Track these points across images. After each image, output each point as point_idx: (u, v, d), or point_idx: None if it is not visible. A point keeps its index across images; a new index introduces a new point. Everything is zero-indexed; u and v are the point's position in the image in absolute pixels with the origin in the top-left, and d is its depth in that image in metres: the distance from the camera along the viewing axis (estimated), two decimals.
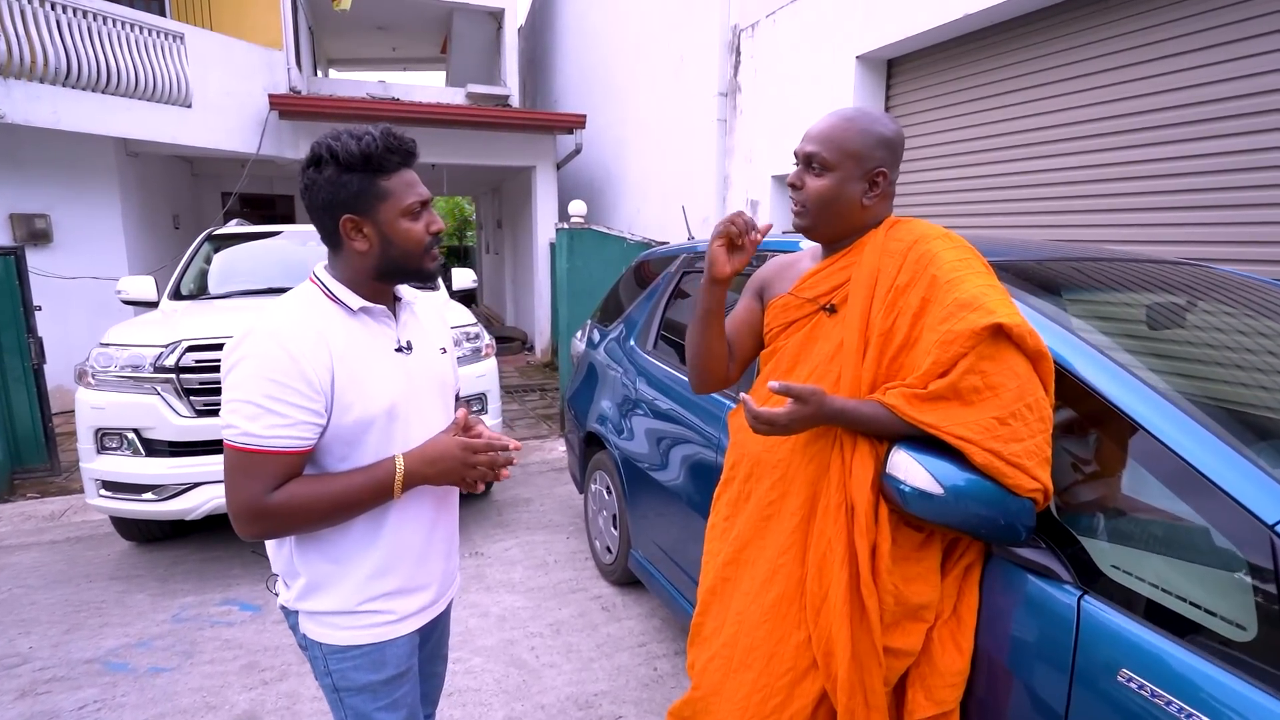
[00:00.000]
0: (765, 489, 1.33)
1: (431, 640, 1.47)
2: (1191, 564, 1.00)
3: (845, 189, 1.25)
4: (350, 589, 1.22)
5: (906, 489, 1.08)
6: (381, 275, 1.19)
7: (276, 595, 1.30)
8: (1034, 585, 1.11)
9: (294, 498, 1.08)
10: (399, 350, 1.24)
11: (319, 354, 1.09)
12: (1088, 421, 1.21)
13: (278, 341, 1.07)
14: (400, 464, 1.14)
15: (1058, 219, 3.69)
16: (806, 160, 1.28)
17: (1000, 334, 1.08)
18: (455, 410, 1.53)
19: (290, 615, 1.28)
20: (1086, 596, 1.05)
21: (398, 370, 1.22)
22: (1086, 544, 1.10)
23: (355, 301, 1.18)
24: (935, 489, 1.05)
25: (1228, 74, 2.93)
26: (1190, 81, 3.06)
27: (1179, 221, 3.16)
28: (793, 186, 1.30)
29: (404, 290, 1.32)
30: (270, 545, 1.27)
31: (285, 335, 1.08)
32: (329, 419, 1.12)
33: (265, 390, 1.05)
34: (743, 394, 1.21)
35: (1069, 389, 1.19)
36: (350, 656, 1.24)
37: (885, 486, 1.13)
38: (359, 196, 1.12)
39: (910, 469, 1.08)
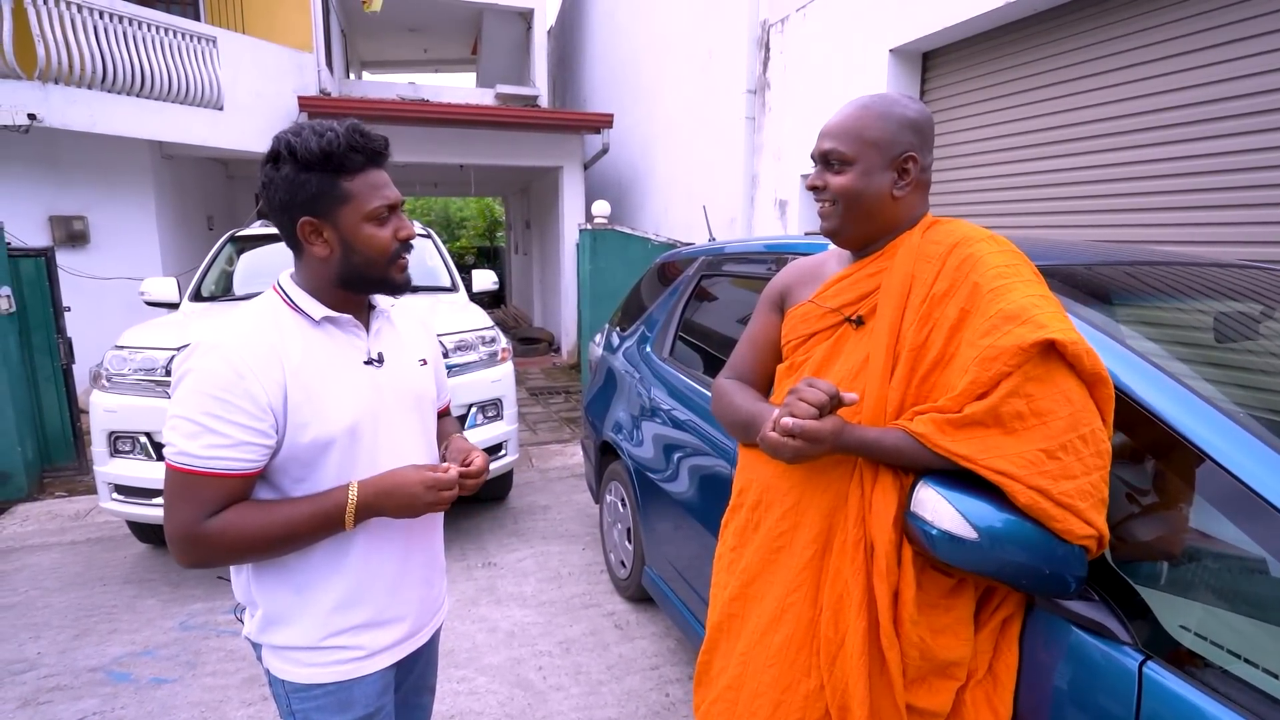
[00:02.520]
0: (775, 518, 1.18)
1: (414, 673, 1.36)
2: None
3: (872, 181, 1.10)
4: (313, 622, 1.11)
5: (934, 531, 0.93)
6: (344, 284, 1.09)
7: (242, 625, 1.21)
8: (1085, 645, 0.95)
9: (231, 526, 0.98)
10: (369, 363, 1.14)
11: (269, 369, 0.99)
12: (1149, 451, 1.04)
13: (222, 355, 0.97)
14: (353, 493, 1.03)
15: (1107, 219, 3.45)
16: (824, 159, 1.14)
17: (1052, 352, 0.92)
18: (447, 421, 1.43)
19: (256, 647, 1.19)
20: (1150, 663, 0.89)
21: (365, 385, 1.11)
22: (1149, 597, 0.94)
23: (318, 311, 1.08)
24: (967, 533, 0.90)
25: None
26: (1259, 68, 2.81)
27: (1246, 220, 2.91)
28: (814, 189, 1.16)
29: (380, 297, 1.22)
30: (231, 570, 1.17)
31: (232, 349, 0.98)
32: (282, 439, 1.01)
33: (205, 407, 0.95)
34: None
35: (1126, 412, 1.02)
36: (314, 696, 1.14)
37: (909, 527, 0.98)
38: (318, 198, 1.02)
39: (938, 508, 0.92)
